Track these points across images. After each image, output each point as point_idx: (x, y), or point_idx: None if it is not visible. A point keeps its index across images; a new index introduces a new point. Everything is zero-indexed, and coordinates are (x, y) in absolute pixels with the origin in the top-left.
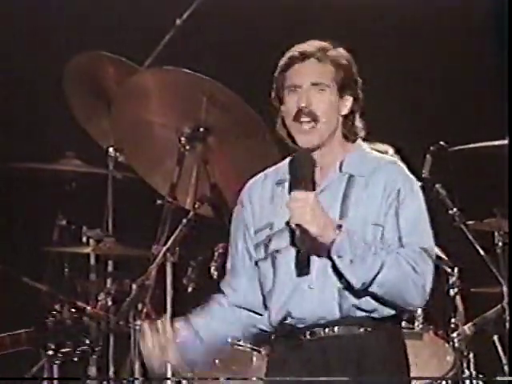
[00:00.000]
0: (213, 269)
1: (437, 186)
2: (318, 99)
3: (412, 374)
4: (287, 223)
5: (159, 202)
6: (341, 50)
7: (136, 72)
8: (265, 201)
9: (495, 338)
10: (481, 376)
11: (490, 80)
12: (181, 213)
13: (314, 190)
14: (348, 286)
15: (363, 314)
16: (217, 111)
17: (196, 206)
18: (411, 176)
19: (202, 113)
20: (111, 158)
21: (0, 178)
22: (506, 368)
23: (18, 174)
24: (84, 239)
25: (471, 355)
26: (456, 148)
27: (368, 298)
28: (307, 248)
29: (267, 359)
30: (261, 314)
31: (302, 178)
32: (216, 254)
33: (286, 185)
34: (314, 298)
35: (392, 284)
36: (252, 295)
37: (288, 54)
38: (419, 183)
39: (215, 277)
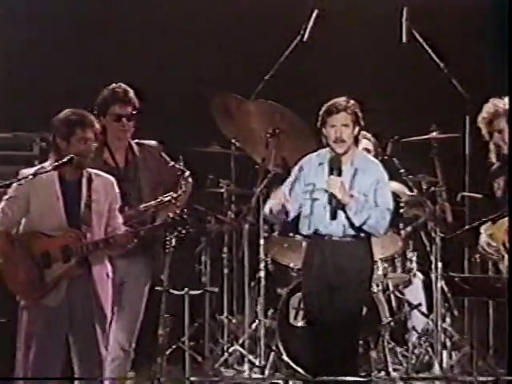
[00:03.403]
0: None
1: (393, 159)
2: (345, 133)
3: (381, 251)
4: (325, 190)
5: (256, 166)
6: (352, 102)
7: (245, 102)
8: (312, 170)
9: (422, 233)
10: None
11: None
12: (266, 171)
13: (340, 175)
14: (351, 224)
15: (354, 234)
16: (284, 122)
17: (273, 168)
18: (384, 171)
19: (277, 123)
20: (233, 144)
21: (181, 156)
22: (427, 248)
23: (192, 154)
24: (220, 185)
25: (411, 242)
26: (404, 140)
27: (358, 229)
28: (335, 204)
29: (306, 247)
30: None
31: (336, 168)
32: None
33: (323, 166)
34: (333, 226)
35: (373, 225)
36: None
37: (329, 108)
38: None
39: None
